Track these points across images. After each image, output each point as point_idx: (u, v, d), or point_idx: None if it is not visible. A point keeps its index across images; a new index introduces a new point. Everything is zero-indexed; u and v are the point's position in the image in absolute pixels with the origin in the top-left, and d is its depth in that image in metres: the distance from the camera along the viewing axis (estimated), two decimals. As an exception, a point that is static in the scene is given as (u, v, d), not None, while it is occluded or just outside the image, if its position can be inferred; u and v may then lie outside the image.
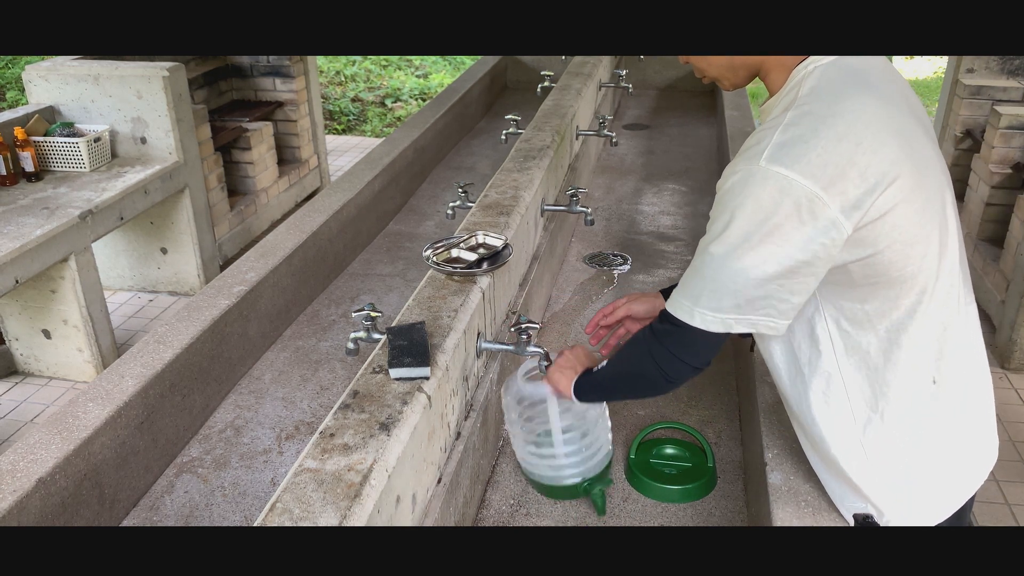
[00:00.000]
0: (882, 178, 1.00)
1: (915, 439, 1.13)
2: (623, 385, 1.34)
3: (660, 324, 1.18)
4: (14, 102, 7.07)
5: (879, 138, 1.01)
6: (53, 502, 1.30)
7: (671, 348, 1.16)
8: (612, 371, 1.32)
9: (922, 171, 1.06)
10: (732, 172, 1.05)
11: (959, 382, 1.15)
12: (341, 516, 0.92)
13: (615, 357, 1.32)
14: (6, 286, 2.69)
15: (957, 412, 1.16)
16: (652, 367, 1.19)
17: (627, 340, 1.32)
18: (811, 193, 0.98)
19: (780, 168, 0.99)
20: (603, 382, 1.35)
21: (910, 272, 1.06)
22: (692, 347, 1.15)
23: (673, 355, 1.17)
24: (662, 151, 3.57)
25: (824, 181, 0.98)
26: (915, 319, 1.09)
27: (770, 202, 0.99)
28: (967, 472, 1.19)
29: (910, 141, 1.06)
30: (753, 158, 1.02)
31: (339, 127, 7.13)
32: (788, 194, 0.98)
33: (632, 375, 1.28)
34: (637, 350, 1.25)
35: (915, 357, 1.10)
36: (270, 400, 1.81)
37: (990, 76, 4.25)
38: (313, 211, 2.33)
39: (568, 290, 2.28)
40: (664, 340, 1.17)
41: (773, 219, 1.00)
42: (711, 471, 1.55)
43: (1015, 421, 3.03)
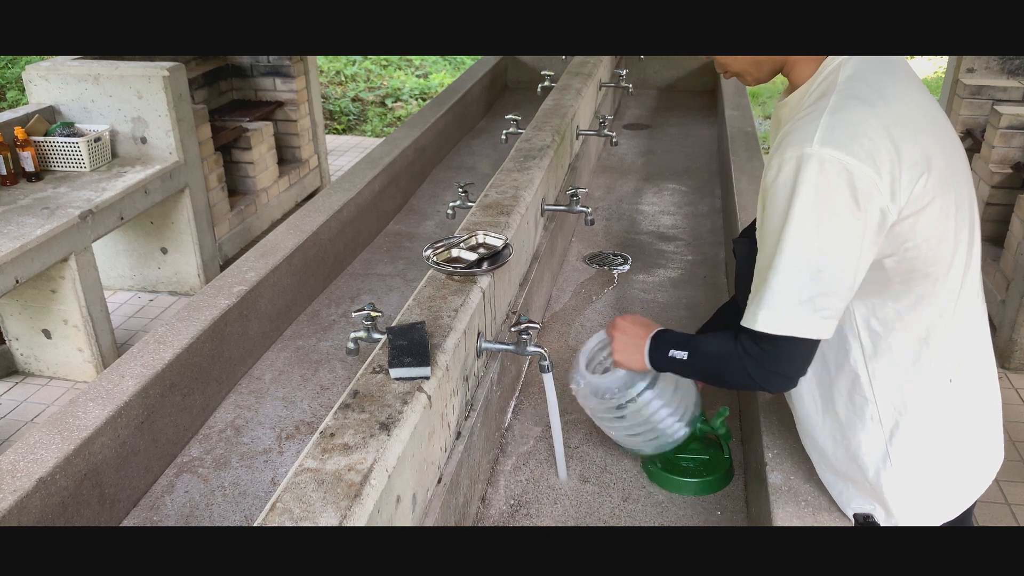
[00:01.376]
0: (925, 168, 1.00)
1: (932, 440, 1.13)
2: (709, 379, 1.30)
3: (747, 341, 1.12)
4: (14, 102, 7.07)
5: (920, 127, 1.02)
6: (53, 502, 1.30)
7: (765, 363, 1.11)
8: (697, 368, 1.27)
9: (954, 167, 1.07)
10: (782, 160, 1.01)
11: (973, 381, 1.15)
12: (341, 516, 0.92)
13: (700, 355, 1.25)
14: (6, 286, 2.69)
15: (970, 412, 1.16)
16: (745, 379, 1.15)
17: (709, 339, 1.24)
18: (866, 176, 0.97)
19: (834, 151, 0.97)
20: (685, 371, 1.30)
21: (942, 269, 1.06)
22: (788, 359, 1.10)
23: (769, 371, 1.11)
24: (662, 151, 3.57)
25: (875, 164, 0.97)
26: (945, 318, 1.08)
27: (829, 187, 0.98)
28: (978, 472, 1.19)
29: (945, 136, 1.07)
30: (803, 142, 0.99)
31: (339, 127, 7.13)
32: (844, 177, 0.97)
33: (720, 379, 1.25)
34: (727, 364, 1.17)
35: (940, 358, 1.10)
36: (270, 400, 1.81)
37: (990, 76, 4.25)
38: (313, 211, 2.33)
39: (568, 290, 2.28)
40: (755, 356, 1.11)
41: (833, 204, 0.98)
42: (728, 463, 1.56)
43: (1015, 421, 3.03)
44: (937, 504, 1.17)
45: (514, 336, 1.46)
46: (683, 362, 1.27)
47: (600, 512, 1.48)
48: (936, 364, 1.10)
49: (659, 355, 1.30)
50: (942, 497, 1.17)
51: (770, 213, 1.04)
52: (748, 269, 1.14)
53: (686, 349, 1.26)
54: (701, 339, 1.27)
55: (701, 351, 1.25)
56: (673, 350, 1.28)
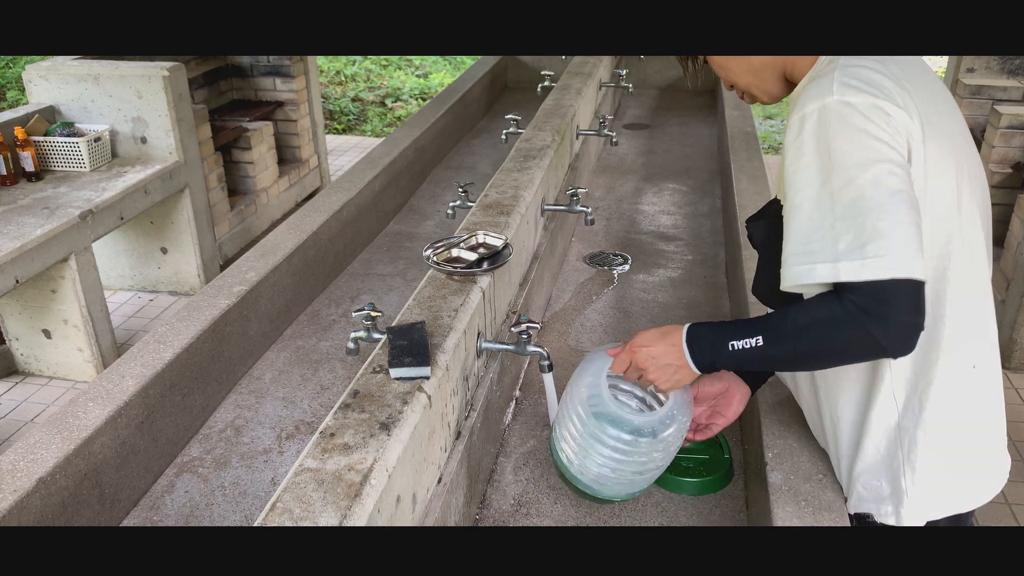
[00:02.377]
0: (938, 130, 1.03)
1: (950, 429, 1.12)
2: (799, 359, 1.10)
3: (856, 298, 0.96)
4: (14, 102, 7.07)
5: (933, 91, 1.06)
6: (53, 502, 1.30)
7: (890, 314, 0.94)
8: (782, 350, 1.06)
9: (963, 146, 1.10)
10: (804, 115, 1.00)
11: (991, 371, 1.14)
12: (341, 516, 0.92)
13: (786, 334, 1.04)
14: (6, 286, 2.69)
15: (987, 402, 1.15)
16: (864, 343, 0.97)
17: (792, 312, 1.04)
18: (892, 109, 0.98)
19: (856, 95, 0.98)
20: (756, 361, 1.08)
21: (958, 243, 1.05)
22: (911, 301, 0.95)
23: (896, 320, 0.95)
24: (662, 151, 3.57)
25: (896, 103, 0.98)
26: (968, 300, 1.07)
27: (861, 121, 0.97)
28: (985, 469, 1.19)
29: (957, 117, 1.10)
30: (823, 95, 0.99)
31: (339, 127, 7.13)
32: (874, 111, 0.97)
33: (822, 354, 1.04)
34: (838, 329, 0.98)
35: (956, 338, 1.08)
36: (270, 400, 1.81)
37: (990, 76, 4.25)
38: (313, 211, 2.33)
39: (568, 290, 2.28)
40: (874, 311, 0.95)
41: (871, 130, 0.96)
42: (728, 463, 1.56)
43: (1015, 421, 3.03)
44: (941, 495, 1.16)
45: (514, 336, 1.46)
46: (756, 350, 1.06)
47: (600, 512, 1.48)
48: (952, 345, 1.09)
49: (710, 356, 1.11)
50: (947, 488, 1.16)
51: (802, 166, 1.00)
52: (769, 251, 1.12)
53: (757, 333, 1.06)
54: (776, 316, 1.06)
55: (788, 329, 1.04)
56: (733, 341, 1.08)
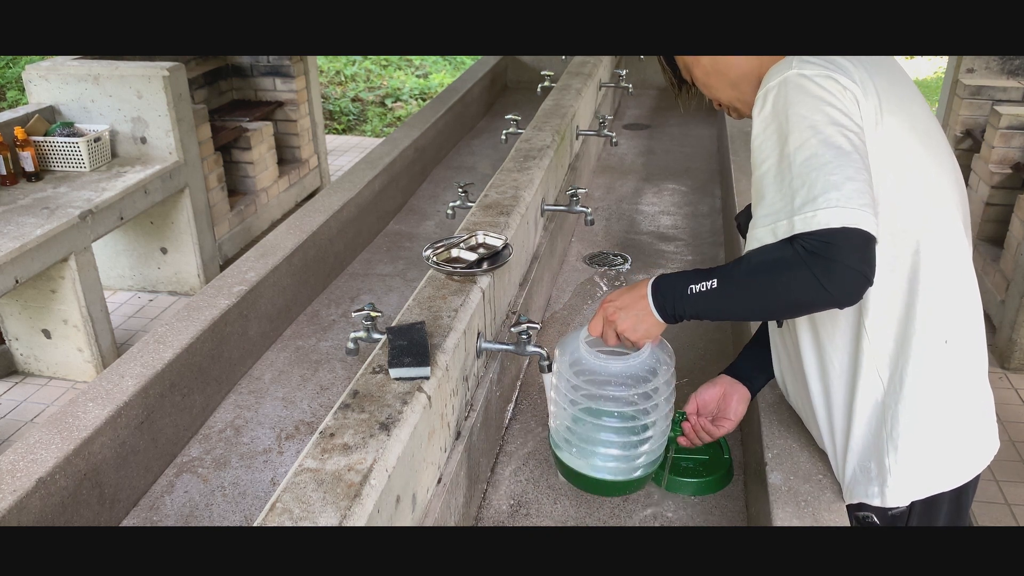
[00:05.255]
0: (899, 107, 1.07)
1: (927, 401, 1.13)
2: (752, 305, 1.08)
3: (806, 242, 0.96)
4: (14, 102, 7.07)
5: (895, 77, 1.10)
6: (53, 502, 1.30)
7: (836, 258, 0.95)
8: (737, 293, 1.06)
9: (931, 131, 1.12)
10: (766, 92, 1.06)
11: (966, 347, 1.15)
12: (341, 516, 0.92)
13: (739, 276, 1.05)
14: (6, 286, 2.69)
15: (964, 377, 1.16)
16: (811, 289, 0.97)
17: (746, 256, 1.05)
18: (848, 83, 1.02)
19: (811, 68, 1.03)
20: (716, 307, 1.08)
21: (930, 223, 1.08)
22: (860, 250, 0.95)
23: (844, 266, 0.95)
24: (662, 151, 3.57)
25: (854, 79, 1.03)
26: (924, 261, 1.09)
27: (815, 89, 1.02)
28: (970, 445, 1.20)
29: (921, 104, 1.13)
30: (781, 72, 1.05)
31: (339, 127, 7.13)
32: (830, 81, 1.02)
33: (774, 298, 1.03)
34: (786, 272, 0.99)
35: (933, 315, 1.10)
36: (270, 400, 1.81)
37: (990, 76, 4.25)
38: (313, 211, 2.33)
39: (568, 290, 2.28)
40: (821, 254, 0.95)
41: (825, 97, 1.01)
42: (728, 463, 1.56)
43: (1015, 421, 3.03)
44: (927, 471, 1.17)
45: (514, 336, 1.46)
46: (712, 292, 1.06)
47: (600, 512, 1.48)
48: (926, 318, 1.10)
49: (672, 301, 1.10)
50: (933, 464, 1.17)
51: (768, 137, 1.05)
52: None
53: (713, 276, 1.06)
54: (734, 261, 1.07)
55: (740, 272, 1.04)
56: (692, 285, 1.08)
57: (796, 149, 0.99)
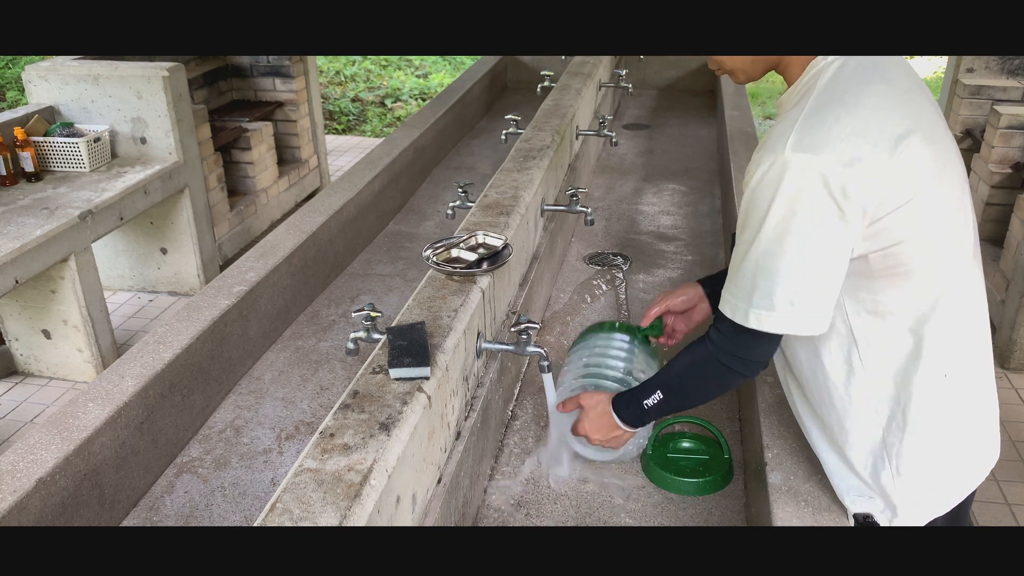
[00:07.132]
0: (902, 166, 1.02)
1: (928, 434, 1.14)
2: (691, 398, 1.35)
3: (721, 334, 1.18)
4: (14, 102, 7.07)
5: (900, 131, 1.03)
6: (53, 502, 1.30)
7: (744, 353, 1.16)
8: (677, 395, 1.32)
9: (943, 164, 1.07)
10: (757, 165, 1.06)
11: (967, 375, 1.15)
12: (341, 516, 0.92)
13: (672, 381, 1.31)
14: (6, 286, 2.69)
15: (967, 407, 1.16)
16: (725, 375, 1.20)
17: (671, 364, 1.32)
18: (839, 176, 1.00)
19: (806, 154, 1.01)
20: (667, 409, 1.34)
21: (933, 263, 1.07)
22: (767, 347, 1.15)
23: (750, 360, 1.17)
24: (662, 151, 3.57)
25: (849, 164, 1.00)
26: (937, 313, 1.09)
27: (801, 189, 1.01)
28: (973, 467, 1.20)
29: (936, 136, 1.08)
30: (777, 148, 1.03)
31: (339, 127, 7.13)
32: (819, 180, 1.00)
33: (703, 389, 1.30)
34: (705, 367, 1.23)
35: (935, 353, 1.11)
36: (270, 400, 1.81)
37: (990, 76, 4.25)
38: (313, 211, 2.33)
39: (568, 290, 2.28)
40: (730, 349, 1.17)
41: (806, 203, 1.01)
42: (728, 463, 1.56)
43: (1015, 421, 3.03)
44: (933, 498, 1.18)
45: (514, 336, 1.46)
46: (662, 402, 1.32)
47: (600, 512, 1.48)
48: (931, 359, 1.10)
49: (634, 414, 1.37)
50: (938, 491, 1.18)
51: (746, 212, 1.08)
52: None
53: (655, 389, 1.32)
54: (661, 370, 1.34)
55: (672, 377, 1.31)
56: (645, 400, 1.33)
57: (767, 244, 1.06)
